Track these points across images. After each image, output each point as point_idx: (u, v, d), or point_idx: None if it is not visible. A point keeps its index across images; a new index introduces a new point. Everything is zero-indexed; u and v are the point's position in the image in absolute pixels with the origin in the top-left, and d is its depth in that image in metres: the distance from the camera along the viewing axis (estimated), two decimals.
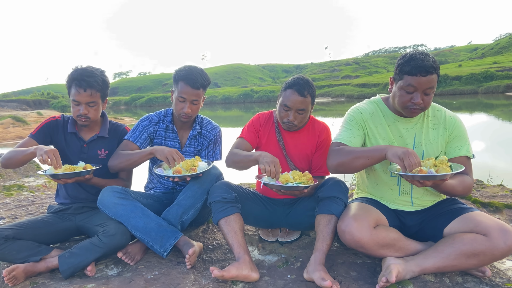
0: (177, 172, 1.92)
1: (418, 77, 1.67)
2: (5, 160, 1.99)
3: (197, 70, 2.17)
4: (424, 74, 1.66)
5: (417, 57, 1.69)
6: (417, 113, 1.78)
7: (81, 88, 2.02)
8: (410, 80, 1.69)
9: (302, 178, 1.81)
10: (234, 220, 1.85)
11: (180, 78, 2.13)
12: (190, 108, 2.16)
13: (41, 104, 35.98)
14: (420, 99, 1.71)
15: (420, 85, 1.68)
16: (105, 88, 2.14)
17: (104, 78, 2.13)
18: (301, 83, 2.01)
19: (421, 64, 1.66)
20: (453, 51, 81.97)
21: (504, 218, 2.47)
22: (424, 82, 1.68)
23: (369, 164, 1.73)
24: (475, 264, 1.60)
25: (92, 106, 2.08)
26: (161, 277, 1.78)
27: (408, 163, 1.53)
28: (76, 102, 2.06)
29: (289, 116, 2.02)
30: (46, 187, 4.06)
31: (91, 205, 2.16)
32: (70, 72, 2.08)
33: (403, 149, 1.58)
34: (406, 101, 1.74)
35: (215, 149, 2.36)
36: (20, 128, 15.47)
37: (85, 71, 2.05)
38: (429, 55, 1.71)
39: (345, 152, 1.76)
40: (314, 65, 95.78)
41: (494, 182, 3.57)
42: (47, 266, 1.86)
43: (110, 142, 2.24)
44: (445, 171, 1.54)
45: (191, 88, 2.12)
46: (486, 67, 35.00)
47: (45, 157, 1.84)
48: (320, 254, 1.75)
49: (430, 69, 1.66)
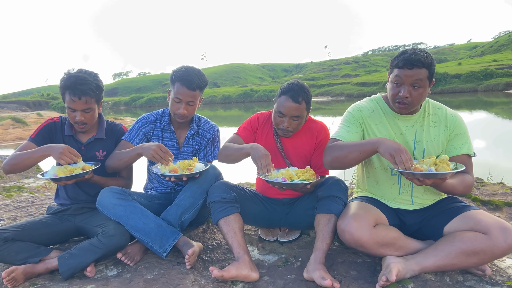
0: (174, 171, 1.92)
1: (404, 69, 1.70)
2: (9, 165, 1.97)
3: (194, 71, 2.16)
4: (410, 67, 1.69)
5: (408, 51, 1.72)
6: (406, 108, 1.78)
7: (75, 96, 2.00)
8: (398, 72, 1.73)
9: (305, 175, 1.81)
10: (233, 220, 1.84)
11: (177, 78, 2.13)
12: (186, 109, 2.15)
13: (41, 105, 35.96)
14: (407, 92, 1.72)
15: (406, 77, 1.70)
16: (100, 92, 2.11)
17: (98, 83, 2.09)
18: (295, 89, 1.99)
19: (409, 58, 1.69)
20: (453, 49, 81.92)
21: (504, 216, 2.46)
22: (410, 75, 1.69)
23: (362, 158, 1.73)
24: (475, 263, 1.60)
25: (88, 112, 2.07)
26: (160, 277, 1.77)
27: (399, 160, 1.53)
28: (71, 109, 2.05)
29: (284, 123, 2.02)
30: (46, 188, 4.06)
31: (90, 206, 2.16)
32: (62, 77, 2.04)
33: (394, 146, 1.57)
34: (394, 94, 1.77)
35: (213, 148, 2.35)
36: (20, 129, 15.46)
37: (78, 79, 2.00)
38: (423, 51, 1.72)
39: (338, 147, 1.77)
40: (313, 64, 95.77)
41: (494, 180, 3.57)
42: (46, 267, 1.86)
43: (107, 143, 2.24)
44: (445, 170, 1.53)
45: (187, 89, 2.11)
46: (486, 65, 34.96)
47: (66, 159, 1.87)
48: (320, 253, 1.74)
49: (417, 62, 1.68)
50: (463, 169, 1.62)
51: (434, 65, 1.74)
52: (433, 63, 1.73)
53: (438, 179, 1.54)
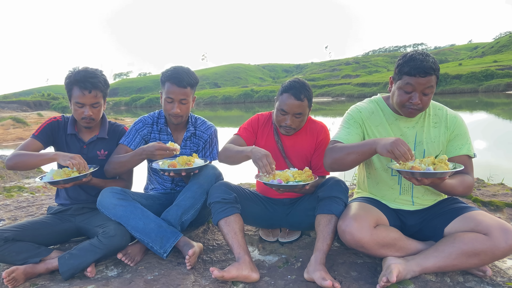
0: (173, 166, 1.92)
1: (417, 77, 1.67)
2: (13, 162, 1.96)
3: (183, 69, 2.15)
4: (423, 75, 1.66)
5: (416, 57, 1.68)
6: (415, 113, 1.78)
7: (86, 89, 2.02)
8: (409, 80, 1.69)
9: (302, 176, 1.81)
10: (234, 220, 1.84)
11: (166, 78, 2.12)
12: (179, 108, 2.13)
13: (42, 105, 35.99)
14: (419, 99, 1.70)
15: (419, 85, 1.68)
16: (107, 88, 2.16)
17: (105, 78, 2.14)
18: (297, 86, 1.99)
19: (420, 65, 1.66)
20: (453, 50, 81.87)
21: (505, 217, 2.46)
22: (423, 83, 1.68)
23: (361, 159, 1.72)
24: (476, 264, 1.60)
25: (96, 107, 2.09)
26: (161, 278, 1.77)
27: (398, 153, 1.53)
28: (80, 105, 2.05)
29: (287, 120, 2.02)
30: (46, 188, 4.06)
31: (91, 206, 2.16)
32: (70, 74, 2.06)
33: (390, 141, 1.57)
34: (404, 101, 1.74)
35: (211, 149, 2.34)
36: (20, 129, 15.47)
37: (88, 73, 2.04)
38: (429, 56, 1.70)
39: (337, 149, 1.76)
40: (314, 64, 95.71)
41: (494, 180, 3.56)
42: (47, 267, 1.86)
43: (109, 143, 2.24)
44: (443, 169, 1.53)
45: (177, 87, 2.09)
46: (486, 65, 34.93)
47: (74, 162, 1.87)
48: (321, 254, 1.74)
49: (429, 70, 1.66)
50: (462, 169, 1.61)
51: (439, 69, 1.74)
52: (439, 67, 1.74)
53: (437, 179, 1.54)
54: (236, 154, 1.96)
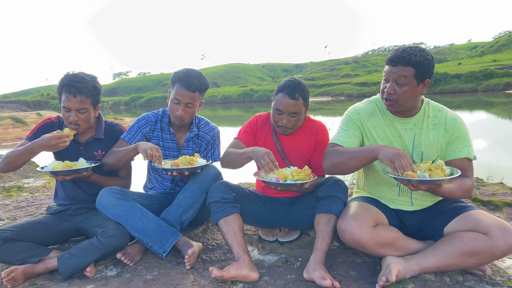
0: (176, 166, 1.92)
1: (389, 66, 1.73)
2: (5, 165, 1.96)
3: (195, 73, 2.14)
4: (393, 64, 1.70)
5: (400, 49, 1.73)
6: (392, 106, 1.77)
7: (71, 94, 1.99)
8: (385, 68, 1.77)
9: (300, 174, 1.81)
10: (233, 220, 1.84)
11: (177, 79, 2.11)
12: (184, 111, 2.13)
13: (41, 105, 35.95)
14: (391, 89, 1.72)
15: (390, 74, 1.73)
16: (96, 94, 2.10)
17: (95, 84, 2.08)
18: (292, 86, 1.99)
19: (395, 55, 1.71)
20: (453, 49, 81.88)
21: (504, 217, 2.46)
22: (394, 71, 1.71)
23: (362, 165, 1.72)
24: (475, 263, 1.60)
25: (82, 113, 2.05)
26: (160, 277, 1.77)
27: (399, 165, 1.52)
28: (66, 109, 2.03)
29: (283, 120, 2.02)
30: (45, 188, 4.06)
31: (90, 206, 2.15)
32: (61, 78, 2.05)
33: (394, 151, 1.56)
34: (382, 90, 1.79)
35: (213, 150, 2.34)
36: (20, 129, 15.45)
37: (75, 77, 2.01)
38: (416, 50, 1.69)
39: (338, 152, 1.76)
40: (313, 64, 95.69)
41: (494, 180, 3.56)
42: (46, 267, 1.86)
43: (106, 143, 2.23)
44: (438, 176, 1.51)
45: (186, 90, 2.09)
46: (486, 65, 34.93)
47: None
48: (320, 253, 1.74)
49: (401, 60, 1.68)
50: (459, 174, 1.58)
51: (426, 65, 1.68)
52: (423, 62, 1.67)
53: (433, 185, 1.53)
54: (238, 157, 1.96)
